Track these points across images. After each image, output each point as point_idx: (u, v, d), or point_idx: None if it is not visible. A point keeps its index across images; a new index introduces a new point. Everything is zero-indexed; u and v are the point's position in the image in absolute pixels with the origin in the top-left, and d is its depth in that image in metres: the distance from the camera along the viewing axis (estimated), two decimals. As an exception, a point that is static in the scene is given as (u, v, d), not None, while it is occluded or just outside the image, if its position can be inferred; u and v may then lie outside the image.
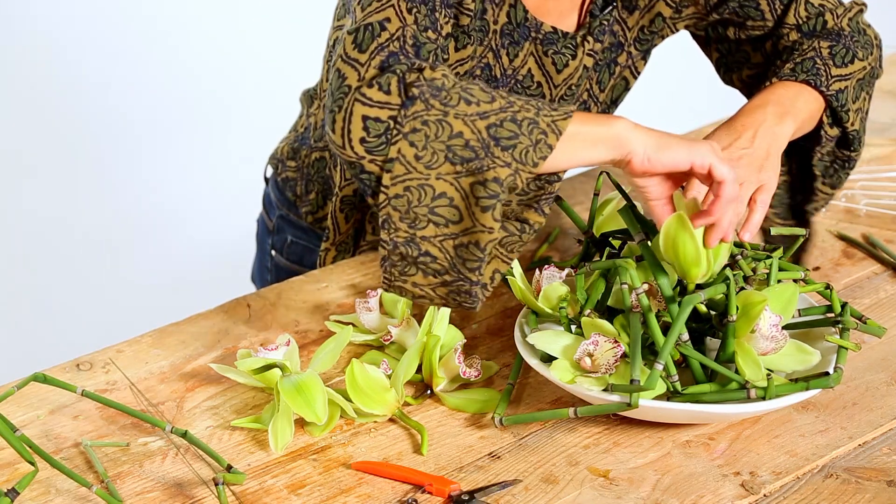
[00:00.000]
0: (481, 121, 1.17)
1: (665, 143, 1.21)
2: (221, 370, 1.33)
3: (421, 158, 1.17)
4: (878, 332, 1.33)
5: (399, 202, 1.18)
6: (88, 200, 3.16)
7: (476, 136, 1.16)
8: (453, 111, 1.17)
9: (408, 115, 1.16)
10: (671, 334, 1.21)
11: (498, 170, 1.16)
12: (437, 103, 1.17)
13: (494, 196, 1.16)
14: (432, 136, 1.17)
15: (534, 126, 1.17)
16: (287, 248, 1.71)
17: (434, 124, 1.17)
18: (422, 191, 1.18)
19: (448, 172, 1.17)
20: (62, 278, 3.02)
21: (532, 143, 1.17)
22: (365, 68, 1.20)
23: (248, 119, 3.16)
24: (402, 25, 1.23)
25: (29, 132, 3.17)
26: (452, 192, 1.18)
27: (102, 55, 3.26)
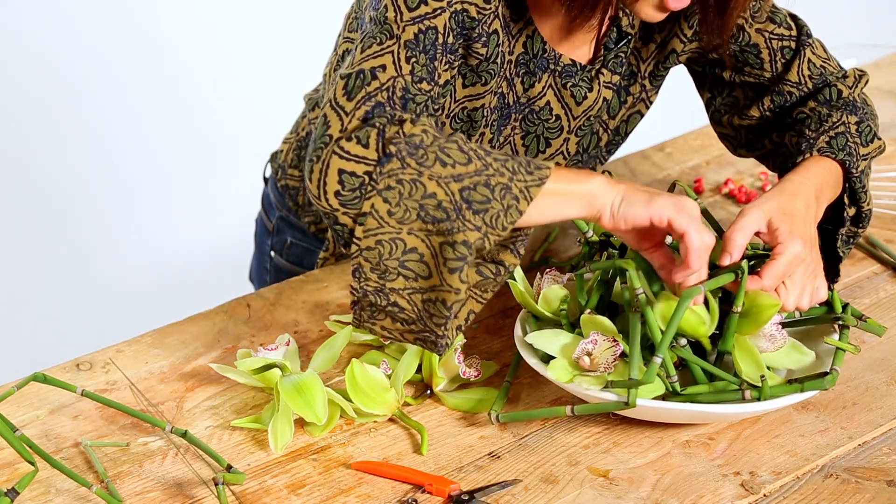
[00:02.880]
0: (455, 183, 1.17)
1: (630, 199, 1.21)
2: (221, 370, 1.33)
3: (394, 214, 1.17)
4: (878, 330, 1.33)
5: (370, 254, 1.19)
6: (88, 200, 3.16)
7: (449, 198, 1.17)
8: (428, 171, 1.17)
9: (383, 171, 1.17)
10: (669, 328, 1.21)
11: (468, 233, 1.17)
12: (413, 162, 1.17)
13: (462, 258, 1.17)
14: (406, 194, 1.17)
15: (506, 191, 1.18)
16: (287, 249, 1.71)
17: (409, 183, 1.17)
18: (393, 244, 1.18)
19: (420, 229, 1.18)
20: (62, 278, 3.02)
21: (503, 207, 1.18)
22: (349, 118, 1.21)
23: (247, 118, 3.16)
24: (396, 76, 1.24)
25: (28, 133, 3.17)
26: (423, 248, 1.18)
27: (101, 54, 3.26)
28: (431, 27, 1.26)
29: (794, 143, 1.45)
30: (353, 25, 1.48)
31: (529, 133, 1.44)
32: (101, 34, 3.27)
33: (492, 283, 1.22)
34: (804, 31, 1.48)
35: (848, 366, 1.36)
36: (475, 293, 1.22)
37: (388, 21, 1.25)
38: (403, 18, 1.25)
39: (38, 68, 3.22)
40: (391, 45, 1.25)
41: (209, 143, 3.29)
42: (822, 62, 1.48)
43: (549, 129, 1.43)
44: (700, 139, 1.87)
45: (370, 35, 1.26)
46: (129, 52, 3.29)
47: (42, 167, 3.16)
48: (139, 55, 3.30)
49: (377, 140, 1.18)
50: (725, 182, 1.75)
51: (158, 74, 3.32)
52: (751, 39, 1.46)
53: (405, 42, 1.25)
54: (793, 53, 1.47)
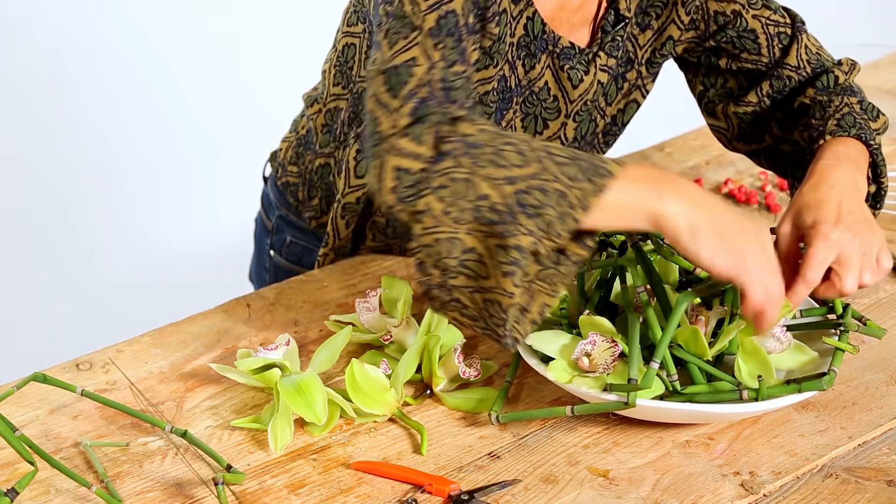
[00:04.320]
0: (509, 186, 1.15)
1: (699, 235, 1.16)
2: (221, 370, 1.33)
3: (449, 213, 1.16)
4: (878, 333, 1.33)
5: (430, 251, 1.18)
6: (88, 200, 3.16)
7: (502, 201, 1.15)
8: (482, 172, 1.16)
9: (437, 170, 1.16)
10: (666, 332, 1.21)
11: (521, 237, 1.15)
12: (468, 161, 1.17)
13: (515, 263, 1.15)
14: (460, 194, 1.16)
15: (562, 198, 1.15)
16: (286, 248, 1.71)
17: (462, 182, 1.16)
18: (451, 243, 1.17)
19: (476, 230, 1.17)
20: (62, 278, 3.02)
21: (558, 214, 1.15)
22: (398, 115, 1.20)
23: (247, 118, 3.16)
24: (430, 66, 1.22)
25: (29, 134, 3.17)
26: (481, 248, 1.17)
27: (101, 57, 3.26)
28: (450, 11, 1.25)
29: (805, 138, 1.45)
30: (352, 20, 1.48)
31: (528, 114, 1.44)
32: (102, 36, 3.27)
33: (557, 275, 1.19)
34: (798, 19, 1.50)
35: (847, 366, 1.36)
36: (542, 286, 1.19)
37: (407, 14, 1.24)
38: (421, 8, 1.24)
39: (38, 69, 3.22)
40: (416, 37, 1.23)
41: (209, 144, 3.29)
42: (817, 49, 1.50)
43: (547, 109, 1.43)
44: (700, 139, 1.87)
45: (393, 30, 1.25)
46: (130, 53, 3.29)
47: (42, 168, 3.16)
48: (140, 57, 3.30)
49: (432, 138, 1.18)
50: (725, 182, 1.75)
51: (158, 75, 3.32)
52: (748, 25, 1.47)
53: (429, 31, 1.24)
54: (790, 39, 1.48)
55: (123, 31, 3.29)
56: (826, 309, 1.34)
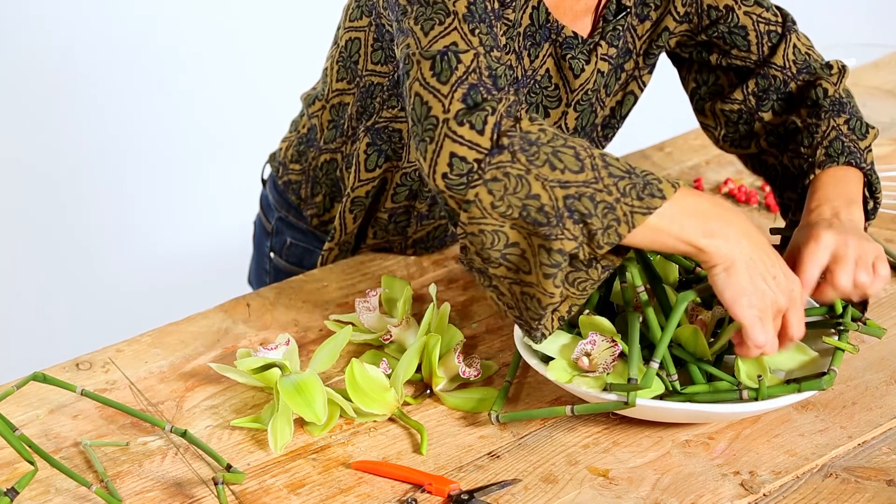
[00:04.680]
0: (561, 189, 1.16)
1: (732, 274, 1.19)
2: (221, 370, 1.33)
3: (497, 207, 1.17)
4: (878, 333, 1.33)
5: (475, 239, 1.19)
6: (88, 200, 3.16)
7: (552, 203, 1.16)
8: (536, 171, 1.17)
9: (493, 162, 1.17)
10: (666, 332, 1.21)
11: (565, 242, 1.16)
12: (524, 158, 1.17)
13: (557, 265, 1.17)
14: (511, 190, 1.17)
15: (609, 211, 1.16)
16: (286, 250, 1.71)
17: (515, 178, 1.17)
18: (495, 236, 1.19)
19: (521, 227, 1.18)
20: (62, 278, 3.02)
21: (603, 227, 1.17)
22: (448, 100, 1.20)
23: (248, 118, 3.16)
24: (475, 54, 1.22)
25: (28, 134, 3.17)
26: (525, 244, 1.19)
27: (101, 59, 3.26)
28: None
29: (796, 165, 1.46)
30: (354, 14, 1.48)
31: (532, 104, 1.44)
32: (103, 39, 3.27)
33: (588, 280, 1.21)
34: (789, 19, 1.51)
35: (847, 365, 1.36)
36: (572, 290, 1.21)
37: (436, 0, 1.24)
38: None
39: (38, 70, 3.22)
40: (452, 22, 1.23)
41: (209, 144, 3.29)
42: (806, 49, 1.51)
43: (549, 97, 1.43)
44: (700, 139, 1.87)
45: (424, 17, 1.24)
46: (131, 56, 3.29)
47: (42, 168, 3.16)
48: (140, 57, 3.30)
49: (493, 130, 1.18)
50: (725, 182, 1.75)
51: (159, 75, 3.32)
52: (739, 21, 1.47)
53: (462, 17, 1.24)
54: (779, 38, 1.49)
55: (125, 34, 3.29)
56: (826, 309, 1.34)
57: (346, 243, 1.60)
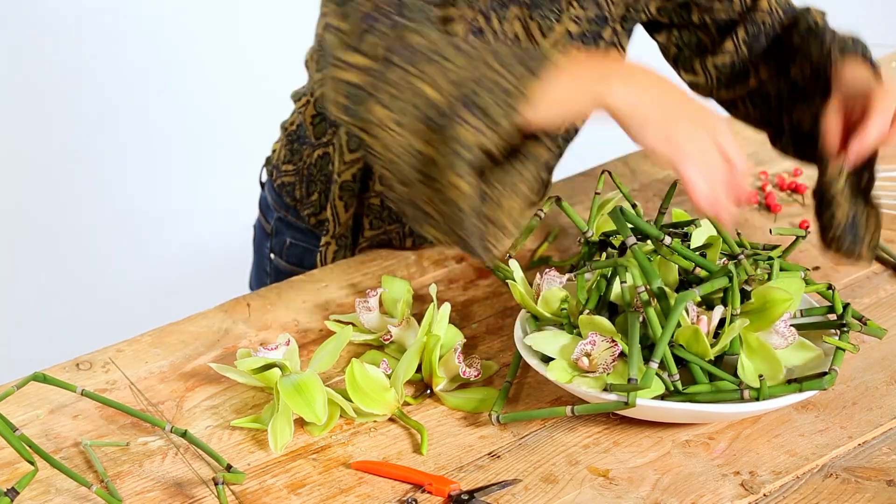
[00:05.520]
0: (450, 84, 1.15)
1: (643, 119, 1.15)
2: (221, 370, 1.33)
3: (396, 119, 1.17)
4: (878, 333, 1.33)
5: (385, 161, 1.18)
6: (88, 200, 3.17)
7: (444, 99, 1.15)
8: (424, 74, 1.16)
9: (382, 79, 1.17)
10: (665, 332, 1.21)
11: (459, 129, 1.15)
12: (410, 66, 1.16)
13: (457, 154, 1.15)
14: (405, 100, 1.16)
15: (497, 88, 1.14)
16: (286, 250, 1.71)
17: (406, 88, 1.16)
18: (402, 150, 1.17)
19: (421, 131, 1.17)
20: (62, 278, 3.02)
21: (497, 104, 1.15)
22: (347, 36, 1.20)
23: (249, 117, 3.16)
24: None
25: (28, 133, 3.17)
26: (429, 150, 1.17)
27: (103, 57, 3.26)
28: None
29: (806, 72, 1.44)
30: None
31: None
32: (105, 39, 3.27)
33: (516, 175, 1.17)
34: None
35: (848, 365, 1.36)
36: (503, 189, 1.18)
37: None
38: None
39: (40, 70, 3.22)
40: None
41: (210, 144, 3.29)
42: None
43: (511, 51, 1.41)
44: (700, 139, 1.87)
45: None
46: (133, 55, 3.29)
47: (42, 168, 3.16)
48: (141, 58, 3.30)
49: (380, 50, 1.18)
50: (725, 182, 1.75)
51: (160, 75, 3.32)
52: None
53: None
54: None
55: (129, 34, 3.29)
56: (826, 309, 1.34)
57: (342, 237, 1.59)
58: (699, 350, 1.24)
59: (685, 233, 1.37)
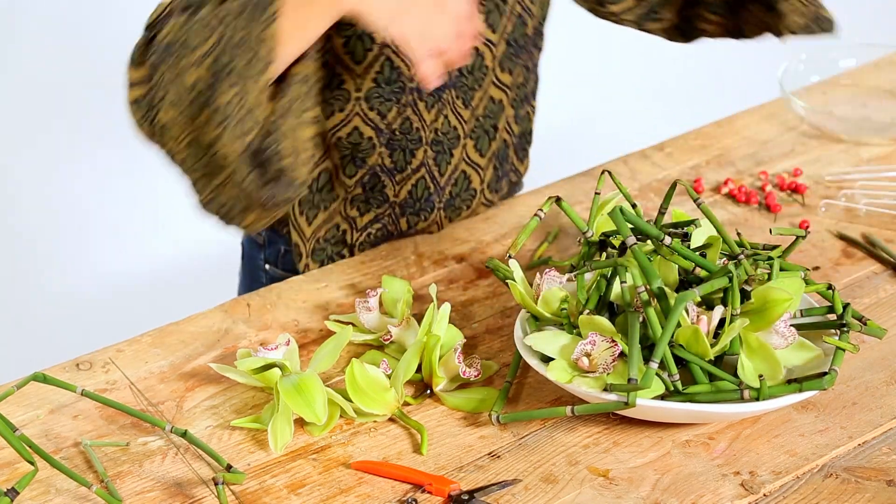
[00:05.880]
0: (205, 60, 1.22)
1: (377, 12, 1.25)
2: (221, 370, 1.33)
3: (178, 119, 1.24)
4: (878, 333, 1.33)
5: (187, 166, 1.28)
6: (88, 200, 3.17)
7: (205, 77, 1.22)
8: (181, 64, 1.22)
9: (153, 85, 1.24)
10: (665, 332, 1.21)
11: (222, 96, 1.22)
12: (171, 61, 1.23)
13: (226, 120, 1.22)
14: (179, 95, 1.23)
15: (242, 45, 1.21)
16: (281, 258, 1.70)
17: (175, 84, 1.23)
18: (192, 147, 1.26)
19: (196, 116, 1.24)
20: (62, 278, 3.02)
21: (248, 59, 1.22)
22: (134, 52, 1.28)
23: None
24: None
25: (29, 133, 3.18)
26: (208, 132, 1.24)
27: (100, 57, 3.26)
28: None
29: None
30: None
31: None
32: (100, 36, 3.27)
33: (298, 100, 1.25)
34: None
35: (848, 365, 1.36)
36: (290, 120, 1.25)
37: None
38: None
39: (33, 68, 3.22)
40: None
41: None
42: None
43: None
44: (700, 139, 1.87)
45: None
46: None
47: (42, 167, 3.16)
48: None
49: (143, 56, 1.25)
50: (725, 182, 1.75)
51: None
52: None
53: None
54: None
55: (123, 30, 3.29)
56: (826, 309, 1.34)
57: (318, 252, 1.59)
58: (699, 350, 1.24)
59: (685, 233, 1.36)
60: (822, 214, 1.68)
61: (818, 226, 1.65)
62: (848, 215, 1.68)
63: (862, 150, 1.83)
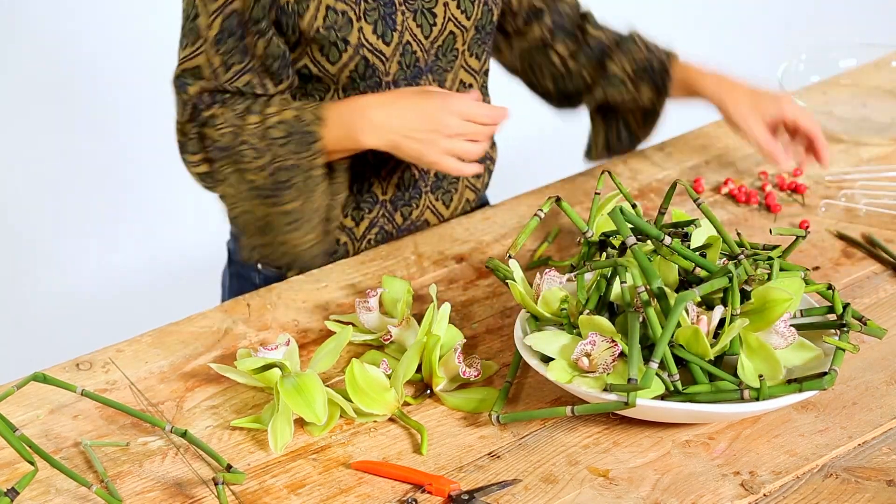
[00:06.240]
0: (262, 172, 1.47)
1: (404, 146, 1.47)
2: (221, 370, 1.33)
3: (238, 195, 1.51)
4: (878, 333, 1.33)
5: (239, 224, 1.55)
6: (88, 200, 3.16)
7: (264, 182, 1.47)
8: (240, 166, 1.48)
9: (214, 170, 1.50)
10: (665, 332, 1.21)
11: (289, 205, 1.49)
12: (227, 162, 1.48)
13: (295, 223, 1.51)
14: (237, 182, 1.49)
15: (298, 169, 1.46)
16: None
17: (234, 175, 1.49)
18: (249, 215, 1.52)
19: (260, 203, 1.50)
20: (62, 278, 3.02)
21: (302, 180, 1.47)
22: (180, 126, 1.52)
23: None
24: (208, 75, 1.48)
25: (29, 132, 3.17)
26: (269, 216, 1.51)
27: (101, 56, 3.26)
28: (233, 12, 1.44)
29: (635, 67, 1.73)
30: None
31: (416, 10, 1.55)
32: (104, 38, 3.27)
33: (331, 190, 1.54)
34: None
35: (848, 365, 1.36)
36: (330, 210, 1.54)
37: (196, 20, 1.45)
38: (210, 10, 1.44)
39: (35, 66, 3.22)
40: (202, 46, 1.46)
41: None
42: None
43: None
44: (700, 139, 1.87)
45: (183, 32, 1.48)
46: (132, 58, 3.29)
47: (42, 166, 3.16)
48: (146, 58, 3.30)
49: (200, 147, 1.49)
50: (725, 182, 1.75)
51: (161, 75, 3.32)
52: None
53: (214, 38, 1.45)
54: None
55: (127, 33, 3.29)
56: (826, 309, 1.34)
57: None
58: (699, 350, 1.24)
59: (685, 233, 1.36)
60: (822, 214, 1.68)
61: (818, 226, 1.65)
62: (848, 216, 1.68)
63: (862, 150, 1.83)
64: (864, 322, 1.33)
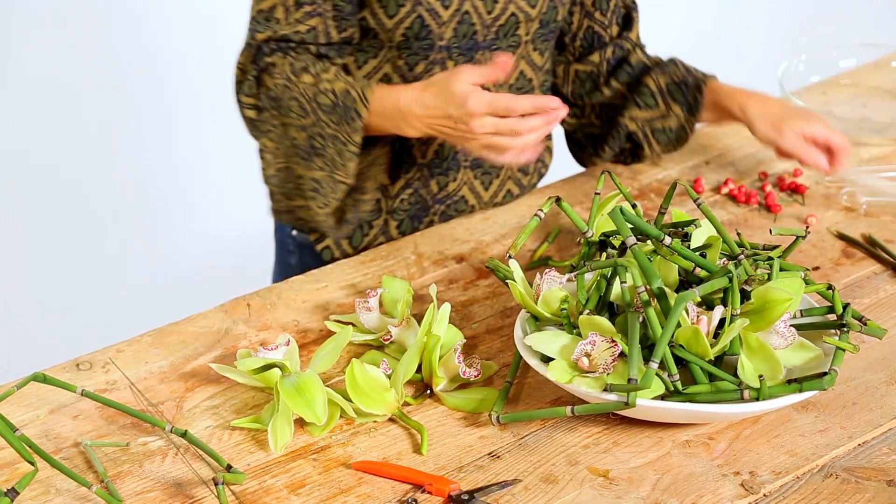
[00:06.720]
0: (303, 132, 1.51)
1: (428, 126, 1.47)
2: (221, 370, 1.33)
3: (277, 150, 1.56)
4: (878, 333, 1.33)
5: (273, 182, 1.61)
6: (88, 200, 3.16)
7: (303, 143, 1.52)
8: (286, 120, 1.52)
9: (262, 119, 1.54)
10: (665, 332, 1.21)
11: (315, 172, 1.54)
12: (276, 113, 1.52)
13: (316, 191, 1.55)
14: (280, 136, 1.54)
15: (336, 140, 1.49)
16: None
17: (280, 128, 1.53)
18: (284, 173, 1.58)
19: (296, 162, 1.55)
20: (62, 278, 3.02)
21: (336, 151, 1.50)
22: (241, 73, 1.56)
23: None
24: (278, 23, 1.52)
25: (31, 132, 3.17)
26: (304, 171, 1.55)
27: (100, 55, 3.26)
28: None
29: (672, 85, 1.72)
30: None
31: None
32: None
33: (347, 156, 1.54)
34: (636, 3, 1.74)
35: (848, 366, 1.36)
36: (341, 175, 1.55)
37: None
38: None
39: (40, 67, 3.22)
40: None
41: (211, 145, 3.29)
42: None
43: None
44: (700, 139, 1.87)
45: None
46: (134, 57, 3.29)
47: (43, 167, 3.16)
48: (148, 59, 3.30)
49: (255, 90, 1.53)
50: (725, 182, 1.75)
51: (161, 74, 3.32)
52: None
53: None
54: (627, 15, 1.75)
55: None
56: (826, 309, 1.34)
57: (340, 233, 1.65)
58: (699, 350, 1.24)
59: (685, 233, 1.36)
60: (822, 214, 1.68)
61: (818, 226, 1.65)
62: (848, 216, 1.68)
63: (862, 150, 1.83)
64: (864, 322, 1.33)
